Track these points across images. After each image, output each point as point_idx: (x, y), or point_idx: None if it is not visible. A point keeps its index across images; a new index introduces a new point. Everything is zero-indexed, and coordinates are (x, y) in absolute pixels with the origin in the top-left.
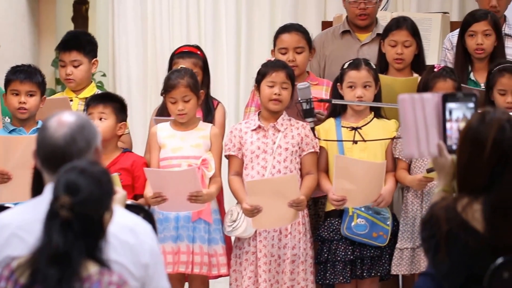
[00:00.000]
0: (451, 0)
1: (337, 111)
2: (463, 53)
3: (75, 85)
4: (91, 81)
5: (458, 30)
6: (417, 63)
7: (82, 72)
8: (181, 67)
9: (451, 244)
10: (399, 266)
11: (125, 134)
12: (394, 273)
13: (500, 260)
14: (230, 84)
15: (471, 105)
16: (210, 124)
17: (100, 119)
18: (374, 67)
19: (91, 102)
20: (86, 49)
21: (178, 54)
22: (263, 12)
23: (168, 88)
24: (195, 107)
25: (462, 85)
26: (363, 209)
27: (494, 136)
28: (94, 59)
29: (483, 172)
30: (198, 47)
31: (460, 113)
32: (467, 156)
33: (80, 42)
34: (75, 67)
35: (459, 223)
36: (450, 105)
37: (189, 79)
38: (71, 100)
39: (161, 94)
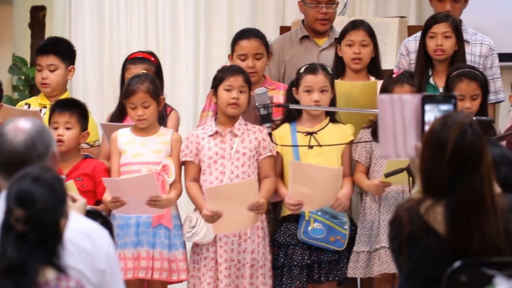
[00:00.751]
0: (408, 4)
1: (292, 116)
2: (424, 56)
3: (51, 90)
4: (66, 89)
5: (414, 35)
6: (374, 66)
7: (58, 77)
8: (142, 73)
9: (412, 245)
10: (355, 269)
11: (96, 146)
12: (350, 275)
13: (457, 264)
14: (188, 89)
15: (450, 107)
16: (171, 130)
17: (66, 128)
18: (330, 72)
19: (56, 109)
20: (64, 54)
21: (130, 60)
22: (221, 17)
23: (127, 93)
24: (155, 113)
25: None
26: (319, 213)
27: (455, 139)
28: (71, 66)
29: (444, 175)
30: (151, 53)
31: (431, 116)
32: (429, 159)
33: (58, 47)
34: (51, 71)
35: (421, 225)
36: (426, 107)
37: (149, 85)
38: (45, 107)
39: (121, 100)
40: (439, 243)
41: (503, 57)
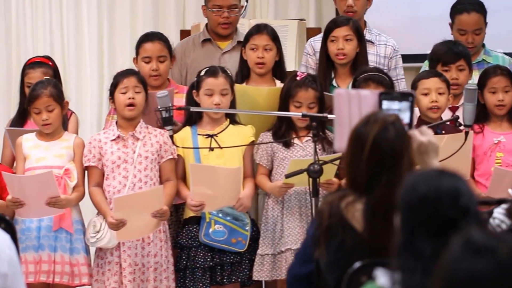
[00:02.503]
0: (308, 7)
1: (193, 119)
2: (325, 59)
3: None
4: None
5: (319, 35)
6: (279, 69)
7: None
8: (45, 78)
9: (329, 239)
10: (260, 272)
11: None
12: (256, 279)
13: (357, 265)
14: (93, 93)
15: (407, 104)
16: (74, 135)
17: None
18: (230, 74)
19: None
20: None
21: (29, 65)
22: (123, 21)
23: (31, 98)
24: (59, 117)
25: (326, 93)
26: (221, 215)
27: (375, 136)
28: None
29: (363, 172)
30: (49, 58)
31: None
32: (351, 155)
33: None
34: None
35: (339, 220)
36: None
37: (52, 89)
38: None
39: (25, 105)
40: (355, 239)
41: (404, 58)
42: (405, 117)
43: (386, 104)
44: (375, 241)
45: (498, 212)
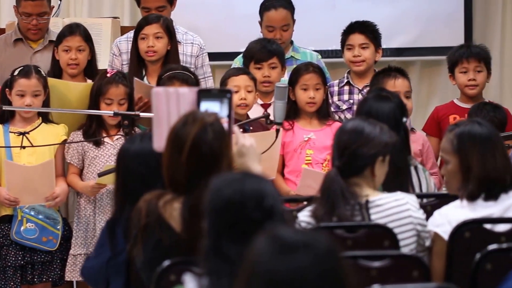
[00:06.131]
0: (122, 5)
1: (5, 117)
2: (136, 56)
3: None
4: None
5: (125, 35)
6: (90, 68)
7: None
8: None
9: (146, 238)
10: (73, 272)
11: None
12: (68, 279)
13: (166, 263)
14: None
15: (225, 101)
16: None
17: None
18: (44, 74)
19: None
20: None
21: None
22: None
23: None
24: None
25: (136, 79)
26: (33, 213)
27: (194, 137)
28: None
29: (182, 173)
30: None
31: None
32: (169, 155)
33: None
34: None
35: (156, 219)
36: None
37: None
38: None
39: None
40: (173, 239)
41: (216, 56)
42: (224, 113)
43: (204, 102)
44: (193, 241)
45: (304, 215)
